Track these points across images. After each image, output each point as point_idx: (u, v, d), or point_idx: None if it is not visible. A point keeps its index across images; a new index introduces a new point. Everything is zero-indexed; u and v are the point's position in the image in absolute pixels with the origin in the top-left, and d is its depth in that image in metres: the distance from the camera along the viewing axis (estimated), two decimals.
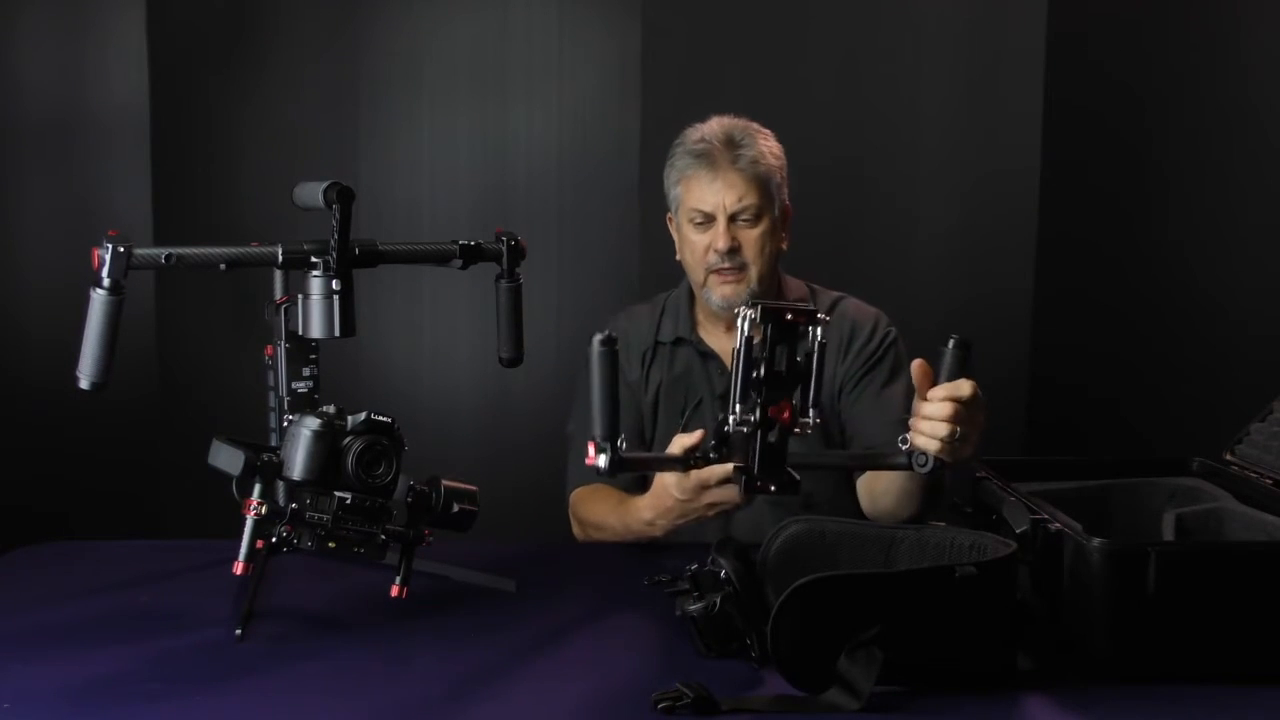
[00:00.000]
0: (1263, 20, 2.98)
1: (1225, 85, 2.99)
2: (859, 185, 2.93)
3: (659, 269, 2.80)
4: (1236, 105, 2.99)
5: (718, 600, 1.37)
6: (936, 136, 2.97)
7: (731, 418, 1.42)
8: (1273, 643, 1.33)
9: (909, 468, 1.51)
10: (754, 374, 1.39)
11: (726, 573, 1.38)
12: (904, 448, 1.51)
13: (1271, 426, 1.70)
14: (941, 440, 1.49)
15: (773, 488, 1.42)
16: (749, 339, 1.39)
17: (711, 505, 1.67)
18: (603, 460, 1.39)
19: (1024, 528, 1.47)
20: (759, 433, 1.40)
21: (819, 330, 1.41)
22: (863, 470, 1.93)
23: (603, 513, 1.95)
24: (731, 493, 1.59)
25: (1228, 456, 1.72)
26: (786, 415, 1.40)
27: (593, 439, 1.40)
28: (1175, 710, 1.27)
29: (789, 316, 1.38)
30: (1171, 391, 3.00)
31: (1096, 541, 1.32)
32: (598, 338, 1.39)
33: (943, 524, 1.48)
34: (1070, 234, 2.97)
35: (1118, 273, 3.03)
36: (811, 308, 1.41)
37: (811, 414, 1.42)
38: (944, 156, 2.97)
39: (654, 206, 2.93)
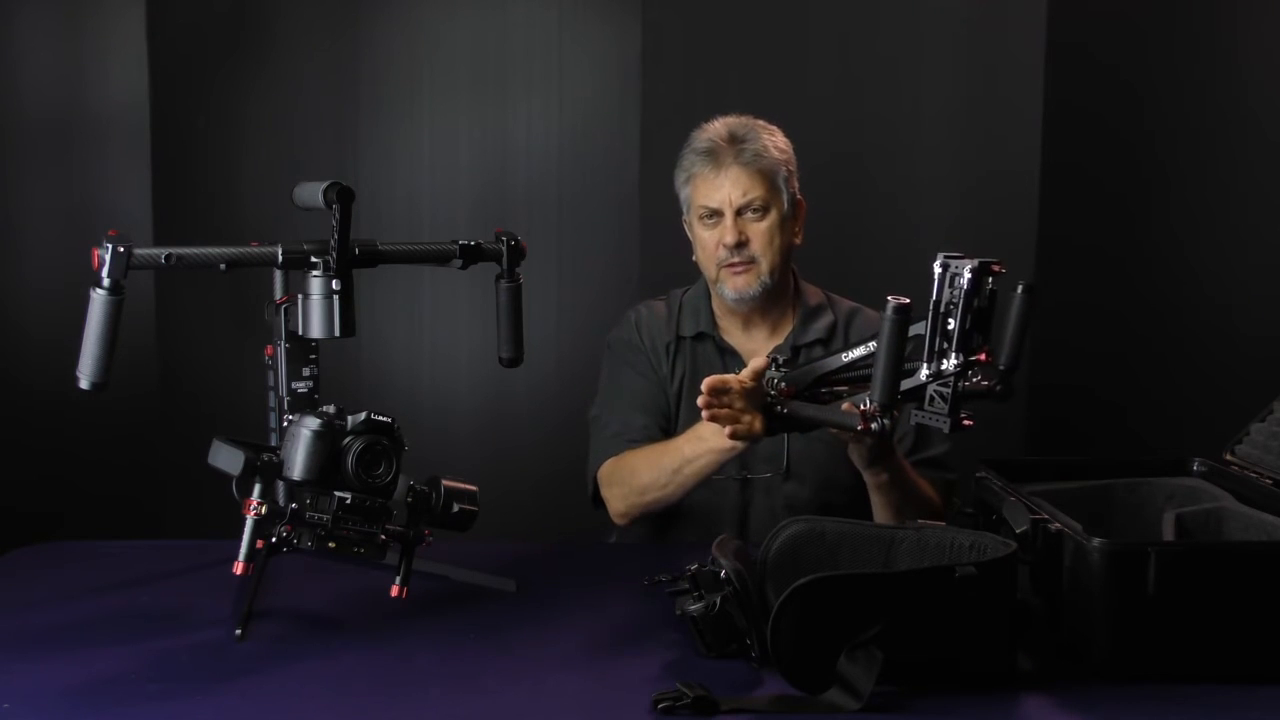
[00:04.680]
0: (1263, 21, 2.98)
1: (1225, 86, 2.99)
2: (859, 185, 2.93)
3: (659, 269, 2.81)
4: (1236, 106, 2.99)
5: (718, 600, 1.37)
6: (937, 136, 2.97)
7: (952, 361, 1.46)
8: (1273, 643, 1.33)
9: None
10: (965, 322, 1.45)
11: (726, 573, 1.38)
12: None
13: (1271, 426, 1.70)
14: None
15: (967, 422, 1.51)
16: (967, 291, 1.44)
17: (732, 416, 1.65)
18: (875, 426, 1.54)
19: (1024, 528, 1.47)
20: (963, 372, 1.48)
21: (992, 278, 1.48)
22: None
23: (649, 460, 1.91)
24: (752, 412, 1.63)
25: (1228, 456, 1.72)
26: (983, 355, 1.48)
27: (872, 405, 1.51)
28: (1175, 710, 1.27)
29: (994, 267, 1.46)
30: (1171, 391, 3.00)
31: (1096, 541, 1.32)
32: (892, 304, 1.45)
33: (943, 524, 1.48)
34: (1070, 234, 2.97)
35: (1118, 273, 3.03)
36: (998, 260, 1.47)
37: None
38: (944, 157, 2.97)
39: (654, 206, 2.95)
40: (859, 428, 1.57)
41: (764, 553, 1.44)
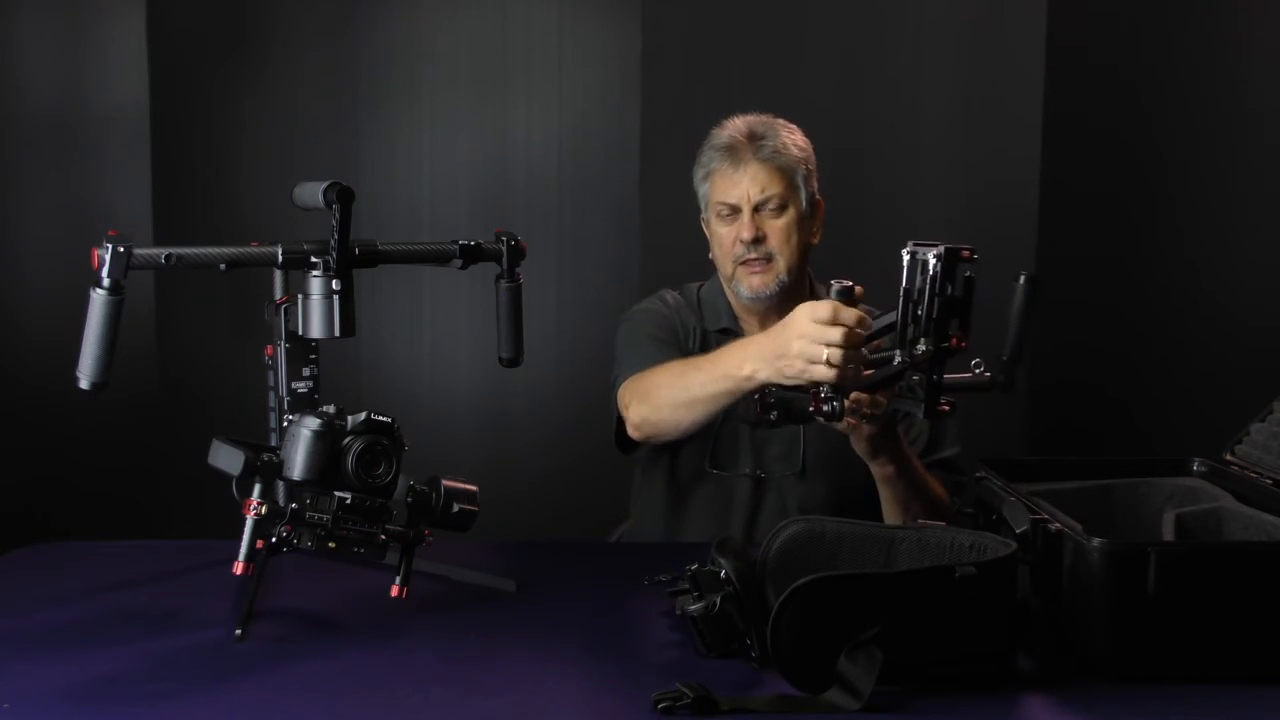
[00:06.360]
0: (1263, 22, 2.98)
1: (1226, 86, 2.99)
2: (859, 186, 2.94)
3: (659, 269, 2.81)
4: (1237, 106, 2.99)
5: (718, 600, 1.37)
6: (936, 136, 2.97)
7: (921, 347, 1.47)
8: (1273, 643, 1.33)
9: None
10: (932, 308, 1.46)
11: (726, 573, 1.38)
12: None
13: (1271, 426, 1.70)
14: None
15: (944, 407, 1.51)
16: (934, 277, 1.45)
17: (804, 356, 1.54)
18: (826, 408, 1.55)
19: (1024, 528, 1.46)
20: (937, 359, 1.48)
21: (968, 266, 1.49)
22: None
23: (672, 373, 1.82)
24: (836, 356, 1.54)
25: (1228, 456, 1.72)
26: (954, 341, 1.48)
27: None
28: (1175, 710, 1.27)
29: (964, 253, 1.46)
30: (1171, 391, 3.00)
31: (1096, 541, 1.32)
32: (836, 286, 1.54)
33: (943, 524, 1.48)
34: (1071, 235, 2.97)
35: (1118, 273, 3.03)
36: (969, 246, 1.47)
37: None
38: (944, 157, 2.98)
39: (654, 206, 2.96)
40: (810, 409, 1.57)
41: (764, 553, 1.44)
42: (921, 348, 1.47)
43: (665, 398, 1.80)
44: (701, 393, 1.73)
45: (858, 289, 1.57)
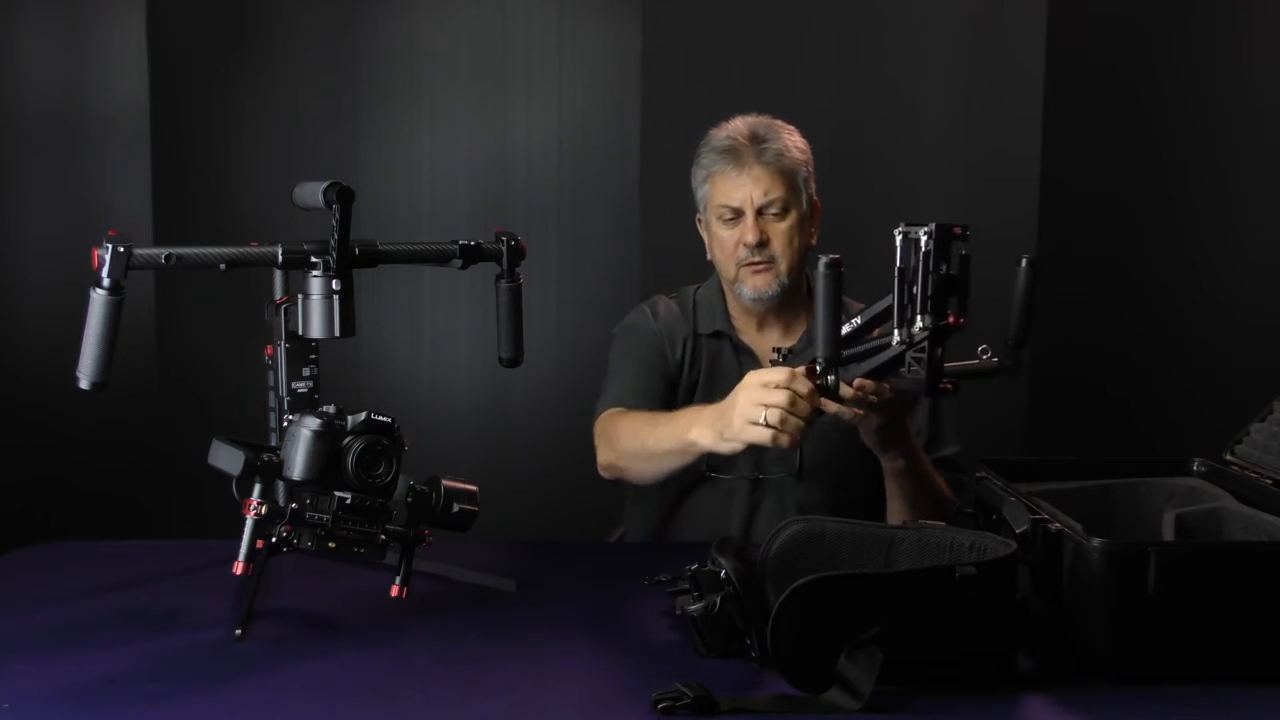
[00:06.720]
0: (1263, 22, 2.98)
1: (1226, 86, 2.99)
2: (859, 186, 2.94)
3: (659, 269, 2.81)
4: (1237, 106, 2.99)
5: (718, 600, 1.37)
6: (937, 136, 2.97)
7: (918, 326, 1.46)
8: (1273, 643, 1.33)
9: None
10: (927, 286, 1.45)
11: (726, 573, 1.38)
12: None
13: (1271, 426, 1.70)
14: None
15: (949, 386, 1.51)
16: (927, 254, 1.44)
17: (744, 416, 1.58)
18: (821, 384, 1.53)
19: (1024, 528, 1.46)
20: (936, 337, 1.47)
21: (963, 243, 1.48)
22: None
23: (635, 428, 1.86)
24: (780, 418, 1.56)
25: (1228, 456, 1.72)
26: (952, 319, 1.47)
27: (815, 361, 1.51)
28: (1175, 710, 1.27)
29: (955, 230, 1.46)
30: (1172, 391, 3.00)
31: (1096, 541, 1.32)
32: (824, 260, 1.48)
33: (943, 524, 1.48)
34: (1071, 235, 2.97)
35: (1118, 273, 3.03)
36: (961, 224, 1.47)
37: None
38: (944, 157, 2.97)
39: (654, 206, 2.96)
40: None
41: (764, 553, 1.44)
42: (920, 324, 1.46)
43: (626, 449, 1.87)
44: (656, 449, 1.81)
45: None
